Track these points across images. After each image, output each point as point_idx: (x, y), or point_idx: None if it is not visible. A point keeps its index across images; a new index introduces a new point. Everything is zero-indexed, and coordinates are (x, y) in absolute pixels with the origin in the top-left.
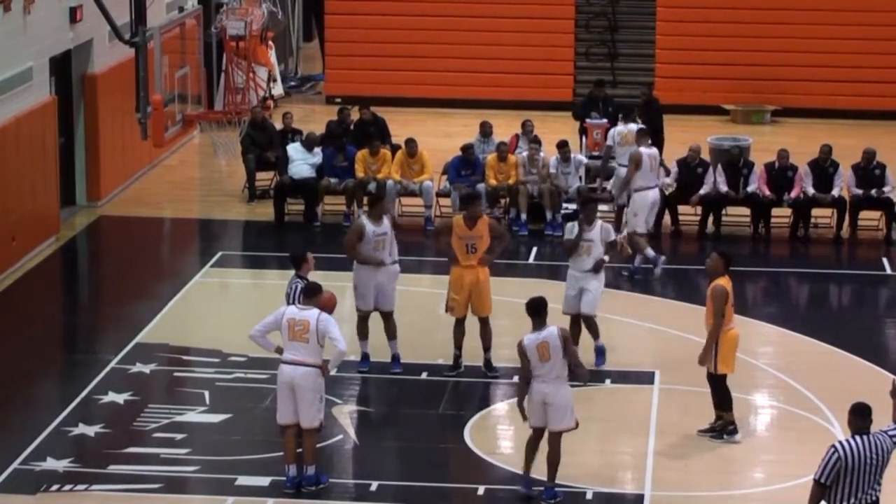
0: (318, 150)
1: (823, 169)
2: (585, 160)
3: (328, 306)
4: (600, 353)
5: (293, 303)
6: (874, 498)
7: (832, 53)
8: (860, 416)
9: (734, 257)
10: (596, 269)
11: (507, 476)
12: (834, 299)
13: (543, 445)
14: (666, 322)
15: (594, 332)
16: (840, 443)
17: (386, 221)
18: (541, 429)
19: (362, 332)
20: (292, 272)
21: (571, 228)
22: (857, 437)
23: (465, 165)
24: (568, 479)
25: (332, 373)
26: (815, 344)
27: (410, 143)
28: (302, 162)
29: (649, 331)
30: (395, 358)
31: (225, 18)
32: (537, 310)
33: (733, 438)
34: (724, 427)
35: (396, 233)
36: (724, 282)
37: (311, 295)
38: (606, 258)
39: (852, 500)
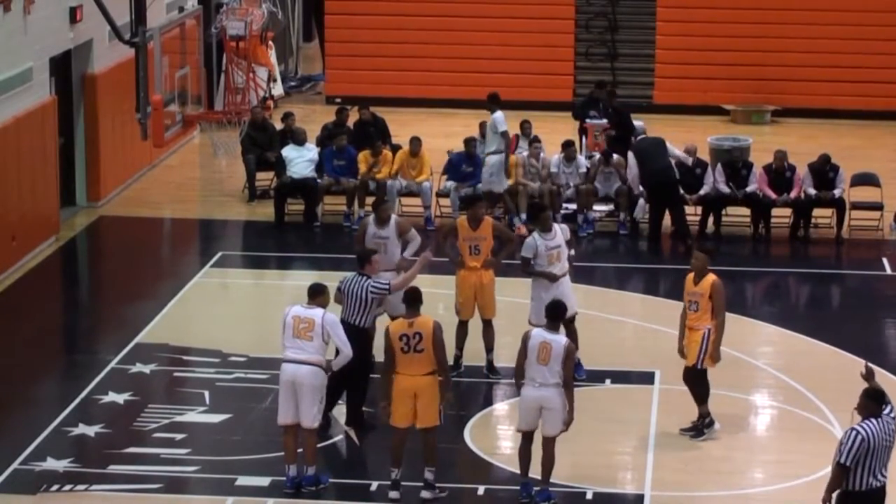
0: (310, 144)
1: (823, 173)
2: (586, 162)
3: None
4: (577, 366)
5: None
6: (883, 482)
7: (833, 53)
8: (874, 401)
9: (718, 252)
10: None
11: (507, 476)
12: (834, 299)
13: (536, 448)
14: (666, 322)
15: (574, 340)
16: (860, 426)
17: (391, 226)
18: (530, 433)
19: None
20: (292, 272)
21: (532, 243)
22: (873, 420)
23: (466, 160)
24: (568, 480)
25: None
26: (815, 344)
27: (415, 141)
28: (299, 160)
29: (649, 331)
30: None
31: (225, 18)
32: (557, 314)
33: (713, 430)
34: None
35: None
36: (716, 276)
37: (316, 295)
38: (573, 252)
39: (870, 481)
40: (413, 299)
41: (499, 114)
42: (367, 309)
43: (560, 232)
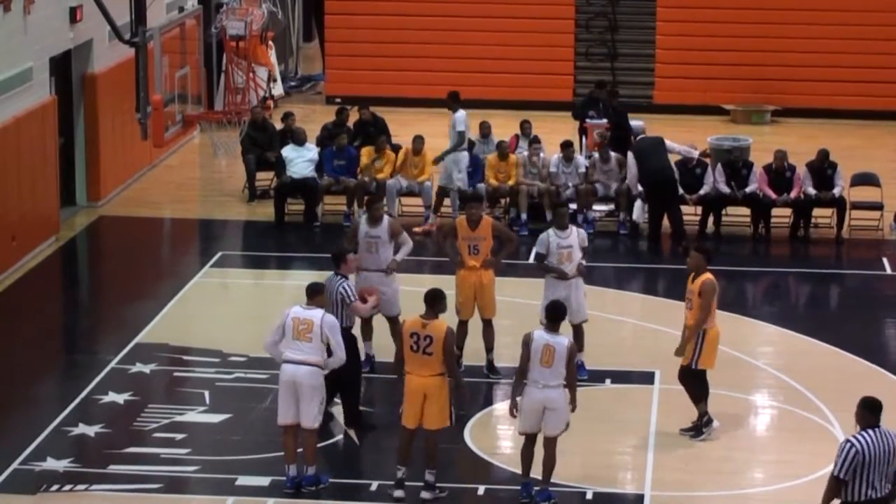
0: (310, 144)
1: (822, 171)
2: (585, 162)
3: (359, 310)
4: (580, 367)
5: (337, 305)
6: (883, 494)
7: (833, 53)
8: (871, 411)
9: (715, 252)
10: (580, 273)
11: (507, 476)
12: (834, 299)
13: (537, 449)
14: (666, 322)
15: (581, 343)
16: (855, 437)
17: (384, 225)
18: (533, 434)
19: (366, 333)
20: (292, 272)
21: (545, 239)
22: (870, 431)
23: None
24: (568, 479)
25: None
26: (815, 344)
27: (417, 139)
28: (299, 160)
29: (649, 331)
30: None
31: (225, 18)
32: (557, 314)
33: (712, 428)
34: (706, 421)
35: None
36: (712, 276)
37: (314, 294)
38: (584, 262)
39: (868, 492)
40: (432, 300)
41: (460, 113)
42: (341, 309)
43: (576, 233)
